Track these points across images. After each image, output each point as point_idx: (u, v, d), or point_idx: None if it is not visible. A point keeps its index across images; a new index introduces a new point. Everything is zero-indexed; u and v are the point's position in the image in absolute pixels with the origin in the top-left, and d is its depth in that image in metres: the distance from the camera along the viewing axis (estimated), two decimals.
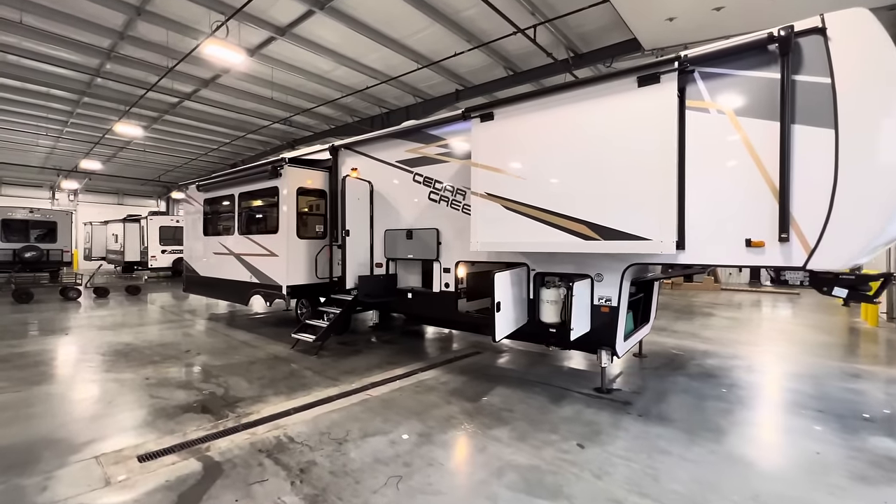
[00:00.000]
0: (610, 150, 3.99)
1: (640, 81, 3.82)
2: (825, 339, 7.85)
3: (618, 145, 3.95)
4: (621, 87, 3.95)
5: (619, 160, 3.94)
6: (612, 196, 3.99)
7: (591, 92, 4.12)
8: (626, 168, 3.91)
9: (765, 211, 3.76)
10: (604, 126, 4.04)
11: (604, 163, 4.04)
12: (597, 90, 4.09)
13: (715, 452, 3.53)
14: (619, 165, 3.94)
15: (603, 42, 9.51)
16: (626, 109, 3.91)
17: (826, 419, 4.23)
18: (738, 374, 5.71)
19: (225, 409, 4.40)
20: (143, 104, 13.83)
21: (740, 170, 3.82)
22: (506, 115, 4.76)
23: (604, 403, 4.62)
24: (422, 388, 5.13)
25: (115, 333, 7.99)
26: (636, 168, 3.84)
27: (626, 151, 3.90)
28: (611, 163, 3.99)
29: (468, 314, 6.32)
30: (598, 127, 4.07)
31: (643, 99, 3.81)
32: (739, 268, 4.30)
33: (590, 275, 4.84)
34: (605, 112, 4.02)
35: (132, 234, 20.83)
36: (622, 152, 3.92)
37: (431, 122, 6.39)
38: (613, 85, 3.99)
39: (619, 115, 3.95)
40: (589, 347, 5.07)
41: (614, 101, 3.97)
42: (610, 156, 4.00)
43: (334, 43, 9.92)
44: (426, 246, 6.45)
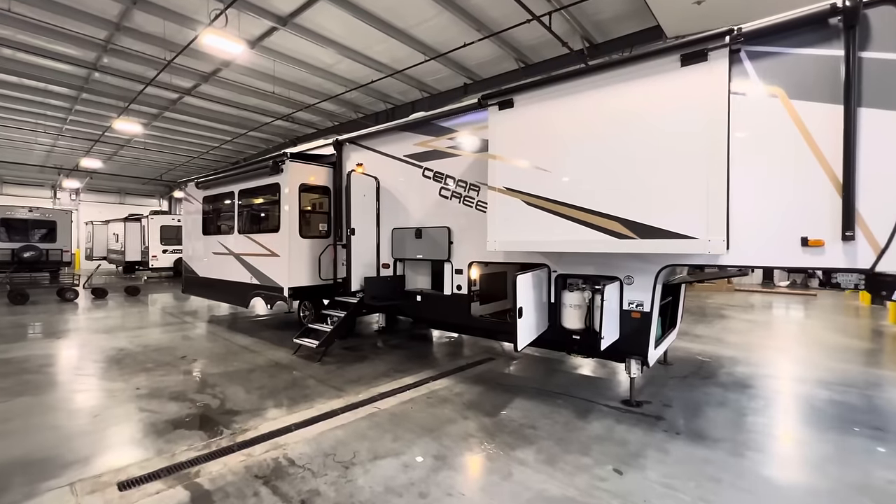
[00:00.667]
0: (649, 138, 3.57)
1: (683, 60, 3.40)
2: (857, 345, 7.39)
3: (658, 133, 3.52)
4: (662, 66, 3.52)
5: (660, 150, 3.51)
6: (651, 190, 3.56)
7: (627, 73, 3.69)
8: (667, 159, 3.48)
9: (824, 206, 3.33)
10: (641, 111, 3.61)
11: (641, 153, 3.61)
12: (633, 71, 3.66)
13: (771, 482, 3.10)
14: (660, 156, 3.52)
15: (619, 31, 9.08)
16: (668, 92, 3.48)
17: (887, 439, 3.79)
18: (773, 385, 5.27)
19: (219, 425, 4.01)
20: (143, 100, 13.49)
21: (794, 159, 3.40)
22: (527, 101, 4.34)
23: (635, 419, 4.20)
24: (434, 399, 4.73)
25: (110, 337, 7.63)
26: (680, 159, 3.42)
27: (667, 140, 3.47)
28: (650, 153, 3.57)
29: (482, 319, 5.90)
30: (634, 113, 3.64)
31: (688, 79, 3.39)
32: (791, 270, 3.90)
33: (619, 277, 4.42)
34: (644, 95, 3.60)
35: (133, 233, 20.54)
36: (663, 141, 3.49)
37: (442, 114, 5.98)
38: (653, 65, 3.56)
39: (659, 99, 3.52)
40: (616, 356, 4.65)
41: (654, 82, 3.55)
42: (648, 145, 3.57)
43: (338, 34, 9.52)
44: (437, 245, 6.04)
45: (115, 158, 22.83)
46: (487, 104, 4.63)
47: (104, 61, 11.12)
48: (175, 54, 9.45)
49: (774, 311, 10.93)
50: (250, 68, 11.50)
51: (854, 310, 11.19)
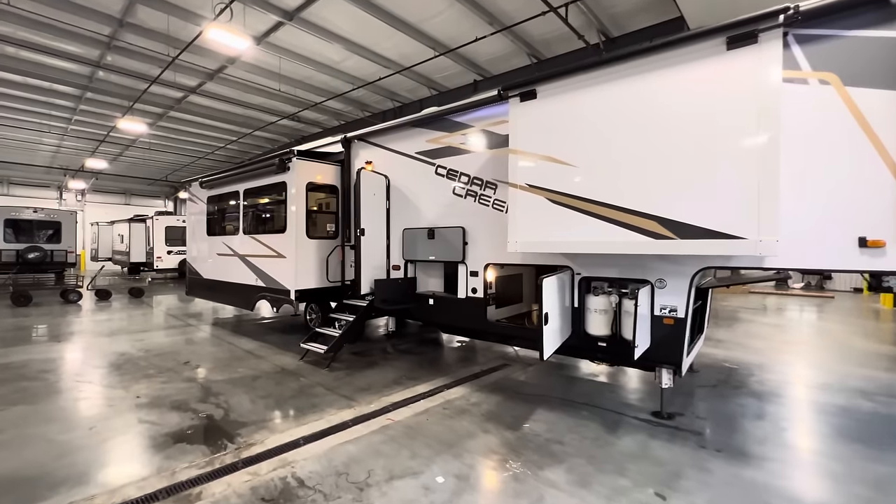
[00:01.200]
0: (690, 129, 3.27)
1: (730, 42, 3.10)
2: (892, 351, 7.02)
3: (701, 124, 3.22)
4: (705, 50, 3.22)
5: (703, 142, 3.21)
6: (693, 186, 3.26)
7: (664, 59, 3.39)
8: (712, 152, 3.18)
9: (885, 203, 3.03)
10: (682, 101, 3.31)
11: (682, 146, 3.31)
12: (671, 57, 3.36)
13: None
14: (703, 149, 3.21)
15: (635, 25, 8.77)
16: (712, 79, 3.18)
17: None
18: (811, 395, 4.94)
19: (223, 439, 3.74)
20: (147, 99, 13.33)
21: (850, 152, 3.10)
22: (552, 92, 4.05)
23: (669, 433, 3.89)
24: (451, 410, 4.44)
25: (111, 341, 7.40)
26: (726, 152, 3.11)
27: (712, 131, 3.17)
28: (691, 146, 3.27)
29: (499, 323, 5.61)
30: (674, 102, 3.35)
31: (735, 64, 3.08)
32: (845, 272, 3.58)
33: (649, 280, 4.12)
34: (684, 83, 3.30)
35: (138, 234, 20.42)
36: (707, 132, 3.19)
37: (456, 108, 5.71)
38: (694, 49, 3.26)
39: (702, 87, 3.22)
40: (646, 364, 4.35)
41: (696, 68, 3.25)
42: (690, 137, 3.27)
43: (345, 29, 9.28)
44: (450, 246, 5.76)
45: (120, 159, 22.75)
46: (508, 96, 4.34)
47: (108, 59, 10.95)
48: (180, 51, 9.25)
49: (794, 315, 10.55)
50: (256, 65, 11.29)
51: (877, 313, 10.79)
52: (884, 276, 3.47)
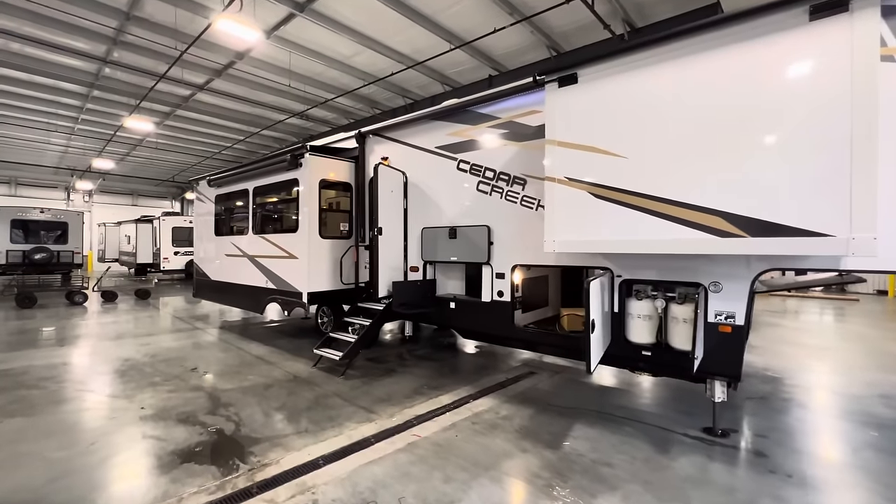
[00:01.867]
0: (764, 113, 2.88)
1: (813, 11, 2.70)
2: None
3: (778, 107, 2.83)
4: (782, 22, 2.83)
5: (781, 128, 2.82)
6: (768, 178, 2.87)
7: (730, 35, 3.01)
8: (790, 138, 2.79)
9: None
10: (754, 80, 2.92)
11: (753, 132, 2.92)
12: (740, 31, 2.98)
13: None
14: (780, 135, 2.83)
15: (660, 14, 8.36)
16: (792, 54, 2.79)
17: None
18: (870, 408, 4.51)
19: (235, 458, 3.40)
20: (154, 97, 13.09)
21: None
22: (596, 76, 3.67)
23: (728, 454, 3.49)
24: (480, 424, 4.07)
25: (116, 345, 7.10)
26: (809, 138, 2.72)
27: (792, 115, 2.79)
28: (765, 132, 2.88)
29: (527, 329, 5.23)
30: (743, 82, 2.96)
31: (820, 37, 2.69)
32: None
33: (702, 283, 3.73)
34: (757, 60, 2.91)
35: (144, 235, 20.24)
36: (786, 116, 2.80)
37: (481, 99, 5.36)
38: (768, 22, 2.88)
39: (780, 64, 2.83)
40: (696, 376, 3.95)
41: (770, 43, 2.86)
42: (764, 122, 2.88)
43: (358, 21, 8.95)
44: (474, 246, 5.39)
45: (127, 159, 22.61)
46: (545, 81, 3.97)
47: (115, 55, 10.71)
48: (189, 44, 8.97)
49: (822, 318, 10.05)
50: (265, 61, 11.00)
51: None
52: None
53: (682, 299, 3.96)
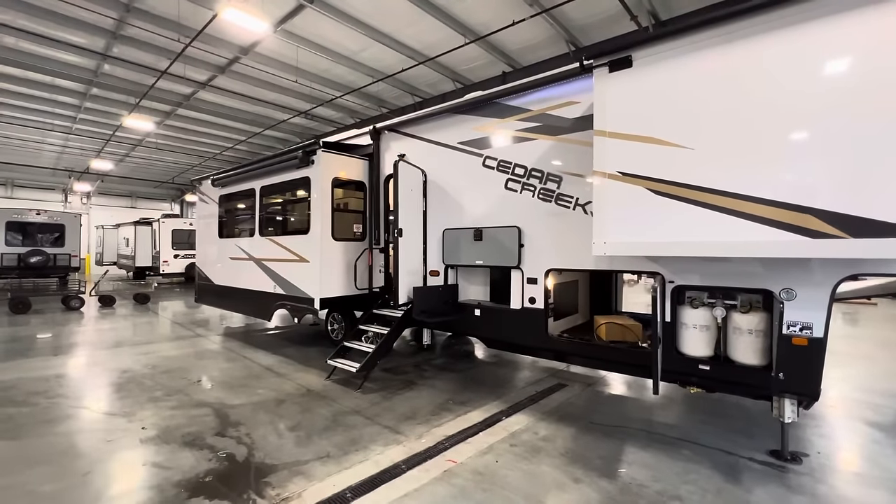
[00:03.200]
0: (872, 97, 2.48)
1: None
2: None
3: (879, 87, 2.43)
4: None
5: (886, 109, 2.43)
6: (875, 171, 2.47)
7: (822, 6, 2.62)
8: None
9: None
10: (854, 59, 2.53)
11: (857, 119, 2.52)
12: (834, 3, 2.59)
13: None
14: (886, 120, 2.43)
15: (682, 8, 8.00)
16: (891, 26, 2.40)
17: None
18: None
19: (249, 490, 2.97)
20: (155, 95, 12.69)
21: None
22: (654, 58, 3.28)
23: (808, 485, 3.08)
24: (521, 447, 3.65)
25: (114, 354, 6.67)
26: None
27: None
28: (874, 117, 2.48)
29: (562, 339, 4.82)
30: (841, 61, 2.57)
31: None
32: None
33: (771, 291, 3.33)
34: (856, 35, 2.52)
35: (144, 237, 19.80)
36: (890, 96, 2.41)
37: (511, 90, 4.97)
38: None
39: (885, 38, 2.44)
40: (761, 393, 3.55)
41: (872, 15, 2.47)
42: (871, 106, 2.48)
43: (367, 12, 8.57)
44: (503, 249, 4.99)
45: (126, 160, 22.19)
46: (593, 66, 3.57)
47: (114, 50, 10.31)
48: (193, 37, 8.58)
49: (846, 324, 9.66)
50: (270, 57, 10.61)
51: None
52: None
53: (747, 308, 3.56)
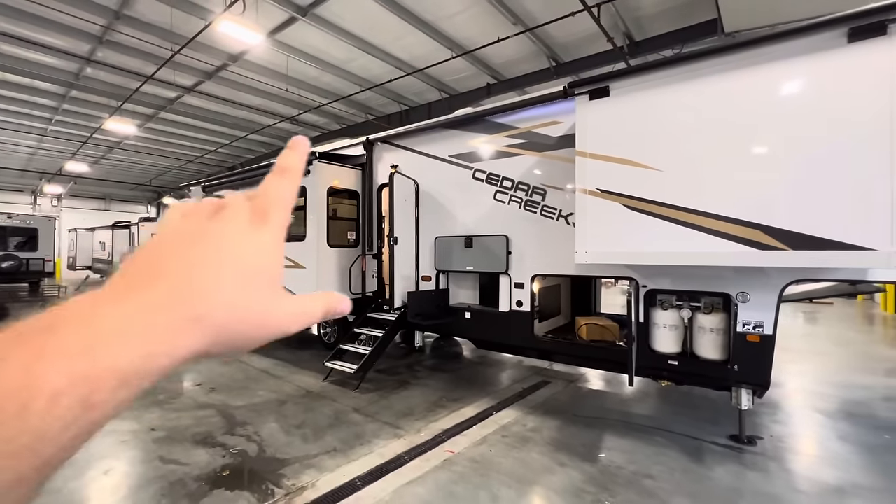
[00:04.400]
0: (804, 130, 2.97)
1: (852, 35, 2.81)
2: None
3: (818, 123, 2.92)
4: (820, 43, 2.93)
5: (820, 144, 2.91)
6: (808, 192, 2.95)
7: (768, 54, 3.10)
8: (830, 155, 2.88)
9: None
10: (792, 98, 3.01)
11: (792, 148, 3.00)
12: (777, 51, 3.07)
13: None
14: (820, 151, 2.91)
15: (657, 30, 8.60)
16: (830, 74, 2.89)
17: None
18: (874, 411, 4.69)
19: (266, 481, 3.24)
20: (138, 99, 12.58)
21: None
22: (628, 89, 3.71)
23: (761, 462, 3.55)
24: (511, 437, 4.02)
25: None
26: (850, 154, 2.81)
27: (832, 132, 2.88)
28: (805, 148, 2.96)
29: (547, 339, 5.22)
30: (781, 100, 3.05)
31: (858, 59, 2.79)
32: None
33: (729, 294, 3.80)
34: (797, 79, 3.00)
35: (122, 241, 19.36)
36: (826, 133, 2.89)
37: (499, 109, 5.34)
38: (806, 43, 2.97)
39: (817, 83, 2.93)
40: (721, 384, 4.02)
41: (811, 62, 2.95)
42: (803, 138, 2.97)
43: (359, 26, 8.84)
44: (492, 256, 5.36)
45: (102, 162, 21.63)
46: (575, 93, 3.99)
47: (99, 55, 10.24)
48: (182, 45, 8.65)
49: (804, 322, 10.46)
50: (259, 64, 10.73)
51: (883, 319, 10.83)
52: None
53: (709, 309, 4.03)
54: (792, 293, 4.46)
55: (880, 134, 2.71)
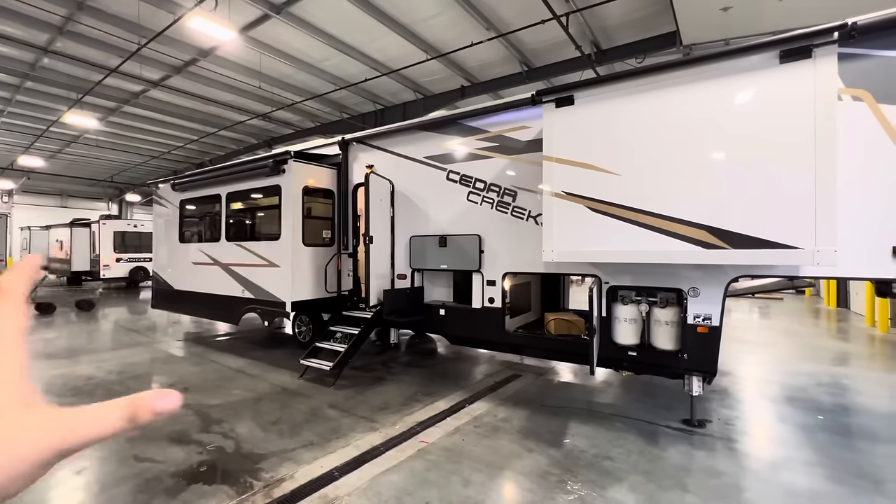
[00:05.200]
0: (742, 140, 3.29)
1: (783, 56, 3.15)
2: (857, 349, 7.59)
3: (754, 135, 3.25)
4: (756, 63, 3.26)
5: (757, 153, 3.25)
6: (746, 196, 3.28)
7: (714, 70, 3.41)
8: (766, 162, 3.21)
9: None
10: (734, 111, 3.34)
11: (734, 156, 3.33)
12: (721, 68, 3.39)
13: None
14: (757, 159, 3.24)
15: (623, 39, 9.03)
16: (766, 90, 3.22)
17: None
18: (812, 395, 5.16)
19: (245, 475, 3.31)
20: (101, 92, 12.11)
21: (883, 166, 3.24)
22: (591, 99, 3.98)
23: (708, 442, 3.89)
24: (483, 427, 4.22)
25: (71, 363, 6.52)
26: (781, 162, 3.16)
27: (766, 142, 3.21)
28: (744, 156, 3.29)
29: (517, 334, 5.46)
30: (725, 112, 3.37)
31: (788, 78, 3.14)
32: (879, 282, 3.77)
33: (681, 289, 4.13)
34: (736, 94, 3.33)
35: (81, 240, 18.50)
36: (761, 144, 3.23)
37: (471, 112, 5.54)
38: (745, 62, 3.30)
39: (755, 98, 3.26)
40: (675, 373, 4.35)
41: (747, 80, 3.28)
42: (743, 148, 3.29)
43: (334, 26, 8.86)
44: (465, 255, 5.55)
45: (59, 157, 20.58)
46: (542, 101, 4.23)
47: (57, 45, 9.81)
48: (149, 39, 8.42)
49: (755, 317, 11.22)
50: (230, 60, 10.55)
51: (828, 313, 11.76)
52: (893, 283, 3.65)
53: (664, 303, 4.35)
54: (737, 288, 4.87)
55: (805, 145, 3.06)
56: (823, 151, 3.00)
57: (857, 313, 11.26)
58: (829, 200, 3.00)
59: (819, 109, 3.02)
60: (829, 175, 3.00)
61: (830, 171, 2.99)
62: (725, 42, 7.04)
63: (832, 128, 2.99)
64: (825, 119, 3.00)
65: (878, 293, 3.97)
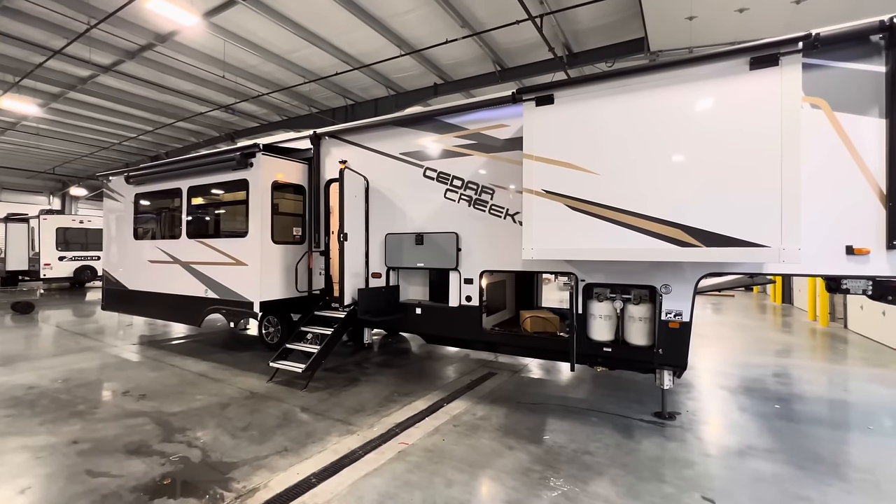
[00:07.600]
0: (716, 142, 3.42)
1: (753, 63, 3.30)
2: (802, 342, 8.16)
3: (726, 137, 3.39)
4: (728, 69, 3.40)
5: (728, 155, 3.38)
6: (718, 197, 3.41)
7: (689, 74, 3.53)
8: (736, 164, 3.36)
9: (867, 215, 3.44)
10: (707, 114, 3.47)
11: (707, 157, 3.46)
12: (695, 72, 3.51)
13: (853, 493, 3.05)
14: (727, 160, 3.38)
15: (593, 43, 9.26)
16: (736, 95, 3.37)
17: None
18: (767, 385, 5.49)
19: (214, 485, 3.10)
20: (42, 75, 11.12)
21: (838, 169, 3.48)
22: (571, 98, 4.02)
23: (679, 434, 4.04)
24: (462, 426, 4.19)
25: (9, 371, 5.94)
26: (751, 164, 3.31)
27: (736, 144, 3.35)
28: (716, 157, 3.42)
29: (494, 332, 5.47)
30: (698, 115, 3.49)
31: (757, 83, 3.29)
32: (832, 278, 4.03)
33: (654, 286, 4.26)
34: (709, 97, 3.46)
35: (17, 236, 16.98)
36: (732, 145, 3.37)
37: (449, 109, 5.49)
38: (718, 67, 3.44)
39: (727, 102, 3.40)
40: (647, 367, 4.49)
41: (720, 84, 3.42)
42: (716, 149, 3.42)
43: (304, 16, 8.56)
44: (442, 253, 5.50)
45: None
46: (523, 99, 4.24)
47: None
48: (100, 20, 7.80)
49: (708, 312, 11.88)
50: (191, 47, 9.96)
51: (774, 308, 12.64)
52: (843, 279, 3.92)
53: (638, 300, 4.48)
54: (704, 286, 5.08)
55: (772, 149, 3.22)
56: (789, 154, 3.17)
57: (801, 308, 12.15)
58: (793, 201, 3.18)
59: (785, 115, 3.19)
60: (794, 177, 3.17)
61: (795, 173, 3.17)
62: (689, 50, 7.37)
63: (797, 132, 3.17)
64: (790, 124, 3.17)
65: (828, 289, 4.24)
